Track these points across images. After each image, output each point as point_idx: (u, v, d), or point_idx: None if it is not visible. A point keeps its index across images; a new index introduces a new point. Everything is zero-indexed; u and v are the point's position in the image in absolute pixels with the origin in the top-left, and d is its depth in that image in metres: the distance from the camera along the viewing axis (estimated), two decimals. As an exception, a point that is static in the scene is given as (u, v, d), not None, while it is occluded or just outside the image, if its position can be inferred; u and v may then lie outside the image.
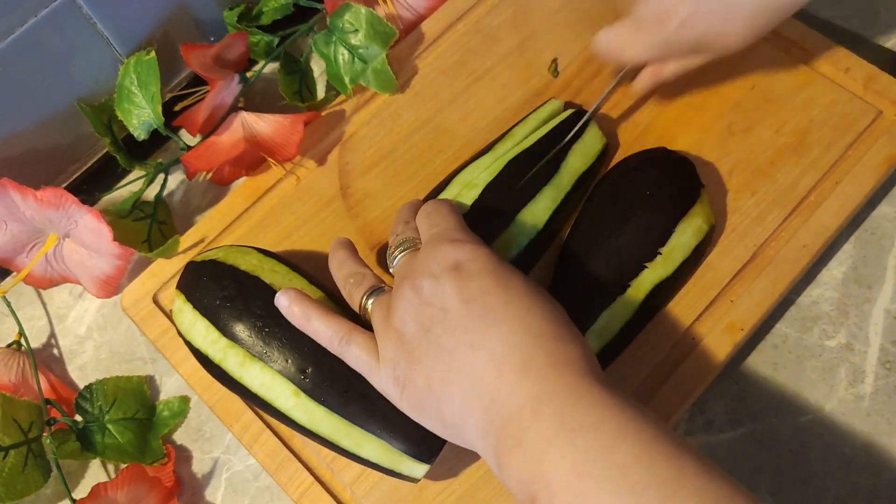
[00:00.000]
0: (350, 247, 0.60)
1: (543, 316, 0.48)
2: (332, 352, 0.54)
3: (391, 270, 0.56)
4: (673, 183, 0.65)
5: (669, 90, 0.72)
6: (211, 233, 0.71)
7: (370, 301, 0.55)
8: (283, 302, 0.55)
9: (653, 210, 0.63)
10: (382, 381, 0.52)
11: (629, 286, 0.62)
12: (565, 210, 0.67)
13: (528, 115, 0.70)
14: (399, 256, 0.55)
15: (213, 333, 0.57)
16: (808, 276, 0.68)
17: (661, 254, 0.62)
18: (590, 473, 0.41)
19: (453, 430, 0.50)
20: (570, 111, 0.69)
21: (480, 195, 0.63)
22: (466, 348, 0.48)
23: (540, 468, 0.43)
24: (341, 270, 0.58)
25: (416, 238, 0.56)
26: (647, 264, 0.62)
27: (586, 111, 0.69)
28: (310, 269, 0.67)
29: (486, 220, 0.63)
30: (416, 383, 0.50)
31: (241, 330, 0.56)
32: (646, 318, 0.63)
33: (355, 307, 0.56)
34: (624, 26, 0.63)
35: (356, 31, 0.73)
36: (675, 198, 0.64)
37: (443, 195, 0.65)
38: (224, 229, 0.71)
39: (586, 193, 0.69)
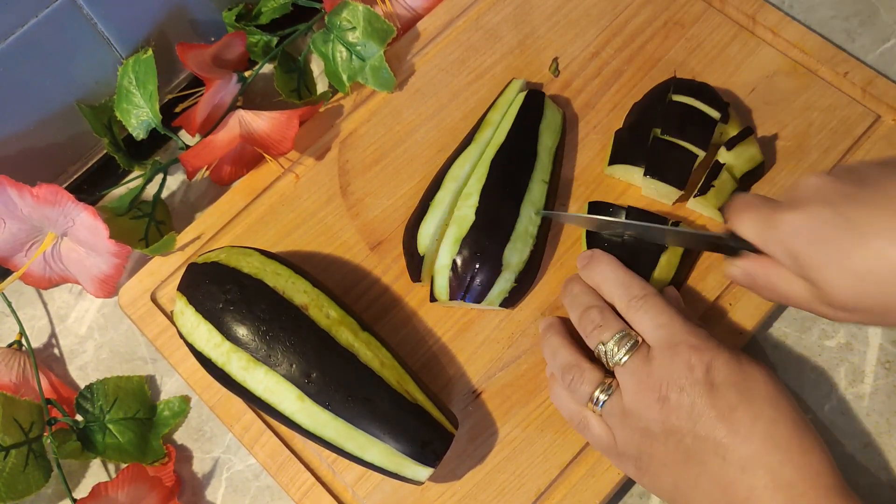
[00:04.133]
0: (561, 330, 0.61)
1: (788, 428, 0.52)
2: (567, 419, 0.60)
3: (611, 366, 0.56)
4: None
5: None
6: (209, 230, 0.71)
7: (602, 396, 0.56)
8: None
9: None
10: (621, 464, 0.57)
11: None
12: (553, 184, 0.69)
13: (496, 100, 0.71)
14: (626, 357, 0.55)
15: (216, 337, 0.57)
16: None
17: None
18: None
19: None
20: (523, 92, 0.70)
21: (479, 202, 0.64)
22: (717, 460, 0.51)
23: None
24: (556, 359, 0.60)
25: (629, 330, 0.57)
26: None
27: (542, 91, 0.71)
28: (310, 268, 0.67)
29: (495, 223, 0.64)
30: (663, 480, 0.54)
31: (244, 334, 0.56)
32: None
33: (581, 401, 0.58)
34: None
35: (354, 28, 0.72)
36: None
37: (439, 195, 0.66)
38: (222, 227, 0.71)
39: (561, 165, 0.71)
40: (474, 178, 0.65)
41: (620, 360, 0.55)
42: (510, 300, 0.65)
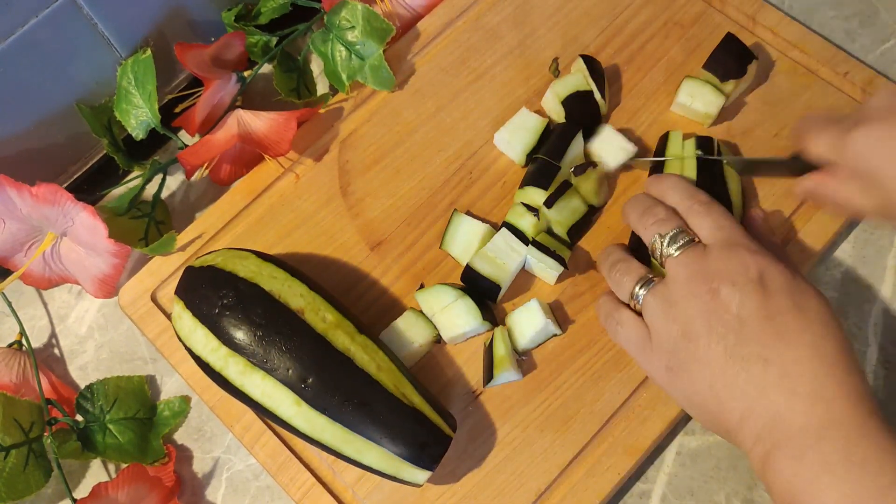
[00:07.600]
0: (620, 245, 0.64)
1: (835, 345, 0.51)
2: (604, 325, 0.60)
3: (663, 258, 0.57)
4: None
5: None
6: (209, 230, 0.71)
7: (642, 290, 0.56)
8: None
9: None
10: (652, 365, 0.56)
11: None
12: None
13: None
14: (681, 250, 0.56)
15: (213, 342, 0.57)
16: (808, 276, 0.68)
17: None
18: None
19: (722, 426, 0.53)
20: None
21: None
22: (759, 362, 0.50)
23: (812, 486, 0.47)
24: (608, 258, 0.61)
25: (686, 228, 0.57)
26: None
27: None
28: (309, 269, 0.67)
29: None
30: (696, 380, 0.53)
31: (241, 339, 0.56)
32: None
33: (623, 295, 0.58)
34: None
35: (353, 27, 0.72)
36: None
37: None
38: (222, 227, 0.71)
39: None
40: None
41: (675, 251, 0.55)
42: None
